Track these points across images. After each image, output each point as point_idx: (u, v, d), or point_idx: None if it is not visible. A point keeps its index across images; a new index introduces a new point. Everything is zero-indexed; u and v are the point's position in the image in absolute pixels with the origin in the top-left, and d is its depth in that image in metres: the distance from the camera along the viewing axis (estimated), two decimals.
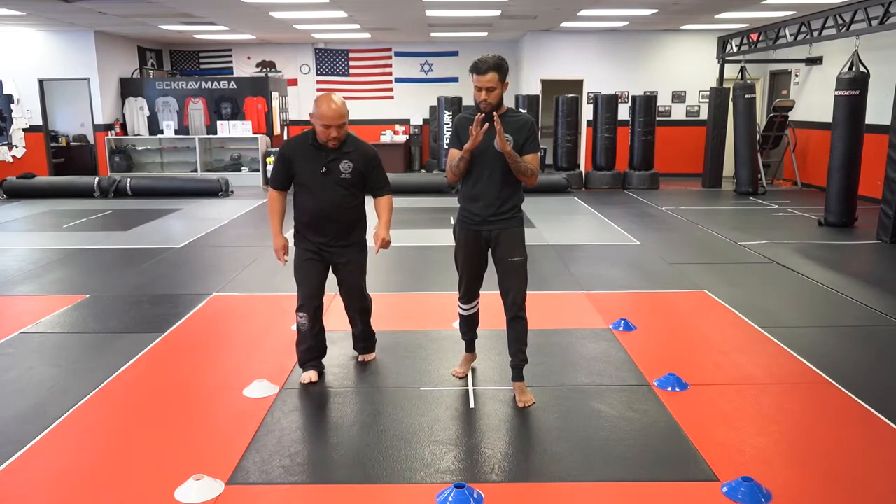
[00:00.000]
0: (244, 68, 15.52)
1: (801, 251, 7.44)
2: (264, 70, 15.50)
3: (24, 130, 13.12)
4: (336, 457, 3.24)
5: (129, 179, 11.86)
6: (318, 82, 15.62)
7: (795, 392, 3.93)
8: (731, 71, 12.80)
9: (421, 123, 15.55)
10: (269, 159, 12.48)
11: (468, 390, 3.92)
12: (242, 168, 13.62)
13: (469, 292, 3.88)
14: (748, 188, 11.55)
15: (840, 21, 9.55)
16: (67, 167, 13.87)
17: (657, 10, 10.64)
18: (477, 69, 3.50)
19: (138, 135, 13.73)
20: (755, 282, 6.29)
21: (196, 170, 13.49)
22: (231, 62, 15.60)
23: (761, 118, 13.04)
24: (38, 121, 13.16)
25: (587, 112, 13.59)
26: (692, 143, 13.61)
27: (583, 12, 10.86)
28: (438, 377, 4.10)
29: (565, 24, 12.52)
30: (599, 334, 4.83)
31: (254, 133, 13.46)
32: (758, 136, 11.89)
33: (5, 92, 12.86)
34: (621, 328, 4.93)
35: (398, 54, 15.55)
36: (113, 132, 13.53)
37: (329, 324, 4.22)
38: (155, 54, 15.31)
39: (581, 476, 3.05)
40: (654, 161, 12.71)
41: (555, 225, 9.01)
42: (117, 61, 13.71)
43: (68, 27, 12.40)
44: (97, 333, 4.93)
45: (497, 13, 10.81)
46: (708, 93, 12.95)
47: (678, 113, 14.05)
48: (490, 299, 4.10)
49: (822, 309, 5.53)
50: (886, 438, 3.38)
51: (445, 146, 12.18)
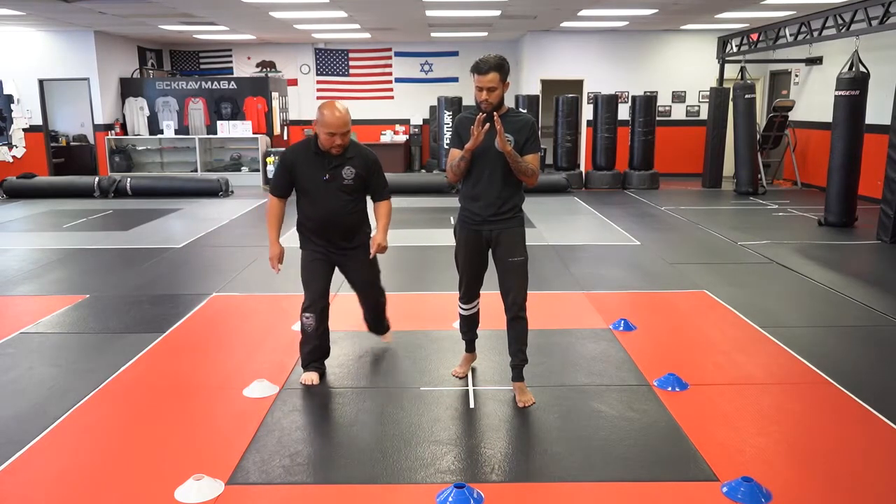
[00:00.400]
0: (244, 68, 15.52)
1: (801, 251, 7.44)
2: (264, 70, 15.50)
3: (24, 130, 13.12)
4: (336, 457, 3.24)
5: (129, 179, 11.86)
6: (318, 82, 15.62)
7: (795, 392, 3.93)
8: (731, 71, 12.79)
9: (421, 123, 15.54)
10: (270, 159, 12.46)
11: (468, 390, 3.92)
12: (242, 168, 13.62)
13: (469, 292, 3.89)
14: (748, 188, 11.55)
15: (840, 21, 9.55)
16: (67, 167, 13.85)
17: (657, 10, 10.64)
18: (478, 69, 3.50)
19: (138, 135, 13.73)
20: (755, 282, 6.29)
21: (196, 170, 13.48)
22: (231, 62, 15.60)
23: (761, 118, 13.04)
24: (38, 121, 13.15)
25: (587, 112, 13.59)
26: (692, 143, 13.60)
27: (583, 12, 10.86)
28: (438, 377, 4.10)
29: (565, 24, 12.52)
30: (599, 334, 4.84)
31: (254, 133, 13.45)
32: (758, 136, 11.89)
33: (5, 92, 12.85)
34: (621, 328, 4.93)
35: (398, 54, 15.54)
36: (113, 132, 13.53)
37: (330, 324, 4.22)
38: (155, 54, 15.31)
39: (581, 476, 3.05)
40: (654, 161, 12.71)
41: (555, 225, 9.01)
42: (117, 61, 13.70)
43: (68, 27, 12.40)
44: (97, 333, 4.93)
45: (497, 13, 10.81)
46: (708, 93, 12.94)
47: (678, 113, 14.05)
48: (490, 299, 4.10)
49: (822, 309, 5.54)
50: (886, 438, 3.38)
51: (446, 146, 12.15)
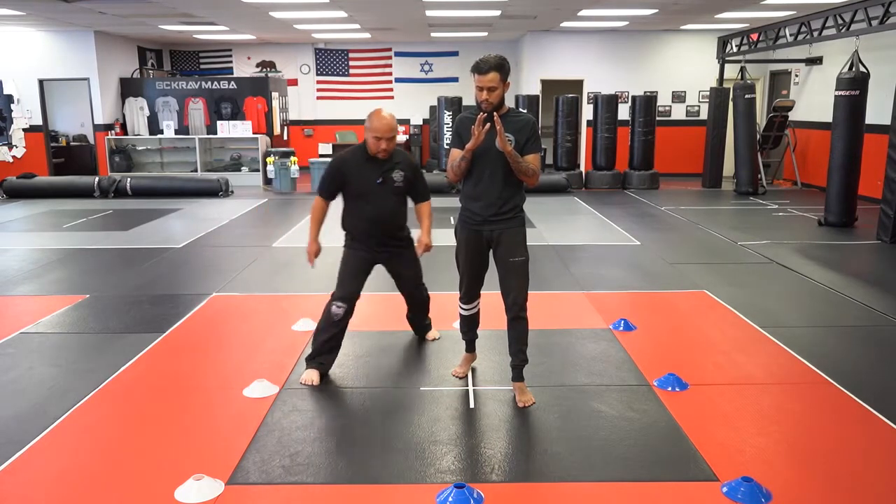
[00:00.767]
0: (244, 68, 15.52)
1: (801, 251, 7.44)
2: (264, 70, 15.50)
3: (24, 130, 13.12)
4: (336, 457, 3.24)
5: (129, 179, 11.86)
6: (318, 82, 15.62)
7: (795, 392, 3.93)
8: (731, 71, 12.79)
9: (421, 123, 15.54)
10: (269, 159, 12.45)
11: (468, 390, 3.92)
12: (242, 168, 13.61)
13: (470, 292, 3.89)
14: (748, 188, 11.55)
15: (840, 21, 9.55)
16: (67, 167, 13.85)
17: (657, 10, 10.64)
18: (478, 69, 3.50)
19: (138, 135, 13.72)
20: (755, 282, 6.29)
21: (196, 170, 13.48)
22: (231, 62, 15.59)
23: (761, 118, 13.04)
24: (38, 121, 13.16)
25: (587, 112, 13.58)
26: (692, 143, 13.61)
27: (583, 12, 10.86)
28: (438, 377, 4.10)
29: (565, 24, 12.52)
30: (599, 334, 4.83)
31: (254, 133, 13.44)
32: (758, 136, 11.89)
33: (5, 92, 12.85)
34: (621, 328, 4.93)
35: (398, 54, 15.54)
36: (113, 132, 13.53)
37: None
38: (155, 54, 15.31)
39: (581, 476, 3.05)
40: (654, 161, 12.71)
41: (555, 225, 9.01)
42: (117, 61, 13.70)
43: (68, 27, 12.40)
44: (97, 333, 4.93)
45: (497, 13, 10.81)
46: (708, 93, 12.94)
47: (678, 113, 14.05)
48: (490, 299, 4.10)
49: (822, 309, 5.53)
50: (886, 438, 3.38)
51: (446, 146, 12.18)
